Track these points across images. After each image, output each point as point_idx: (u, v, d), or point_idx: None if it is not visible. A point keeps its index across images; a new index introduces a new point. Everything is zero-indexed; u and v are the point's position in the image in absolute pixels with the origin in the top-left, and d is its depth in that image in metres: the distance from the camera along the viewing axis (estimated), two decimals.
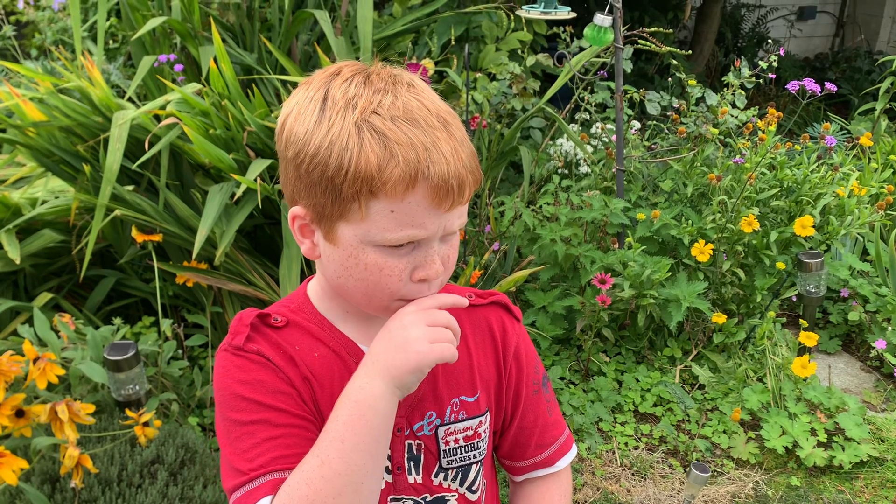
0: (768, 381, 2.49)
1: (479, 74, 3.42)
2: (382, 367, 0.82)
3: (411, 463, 0.95)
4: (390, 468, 0.93)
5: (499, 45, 3.65)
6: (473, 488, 0.99)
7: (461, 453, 0.97)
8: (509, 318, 1.03)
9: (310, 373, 0.89)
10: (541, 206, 2.85)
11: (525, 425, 1.03)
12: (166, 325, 2.19)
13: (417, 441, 0.94)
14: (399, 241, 0.81)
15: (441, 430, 0.96)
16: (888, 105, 3.89)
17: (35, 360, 1.65)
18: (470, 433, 0.98)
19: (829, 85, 2.71)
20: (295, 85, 2.85)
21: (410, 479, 0.95)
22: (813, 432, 2.35)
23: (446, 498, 0.97)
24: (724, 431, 2.43)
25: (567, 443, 1.07)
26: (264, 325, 0.91)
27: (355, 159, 0.78)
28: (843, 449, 2.30)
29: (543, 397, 1.05)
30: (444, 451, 0.96)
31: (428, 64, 3.11)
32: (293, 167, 0.84)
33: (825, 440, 2.34)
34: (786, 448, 2.32)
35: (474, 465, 0.99)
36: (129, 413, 1.79)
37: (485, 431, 0.99)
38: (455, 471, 0.97)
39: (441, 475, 0.96)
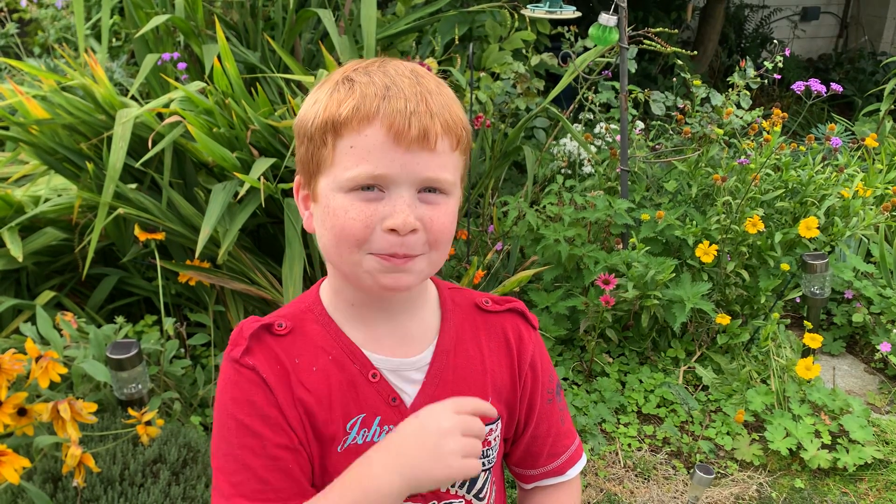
0: (772, 382, 2.49)
1: (482, 74, 3.41)
2: (406, 466, 0.81)
3: None
4: None
5: (502, 45, 3.65)
6: (481, 495, 0.98)
7: None
8: (525, 326, 1.01)
9: (305, 392, 0.88)
10: (544, 206, 2.84)
11: (538, 434, 1.02)
12: (169, 323, 2.19)
13: None
14: (358, 178, 0.81)
15: None
16: (893, 106, 3.88)
17: (37, 359, 1.64)
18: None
19: (834, 86, 2.70)
20: (298, 84, 2.85)
21: None
22: (817, 434, 2.34)
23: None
24: (728, 433, 2.42)
25: (577, 452, 1.06)
26: (268, 332, 0.90)
27: (324, 104, 0.84)
28: (848, 451, 2.29)
29: (557, 406, 1.04)
30: None
31: (431, 63, 3.10)
32: (297, 141, 0.89)
33: (829, 442, 2.33)
34: (790, 450, 2.31)
35: (482, 473, 0.98)
36: (131, 412, 1.79)
37: (495, 439, 0.98)
38: None
39: None
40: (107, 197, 2.14)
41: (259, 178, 2.11)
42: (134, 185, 2.34)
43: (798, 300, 2.84)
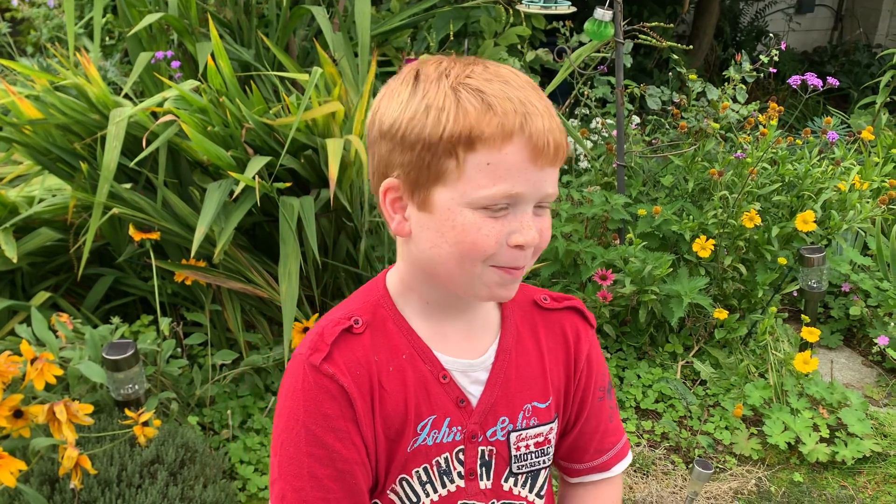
0: (770, 376, 2.49)
1: None
2: None
3: (483, 469, 0.95)
4: (462, 473, 0.93)
5: (497, 41, 3.64)
6: (542, 493, 1.00)
7: (531, 458, 0.97)
8: (583, 325, 1.02)
9: (383, 391, 0.89)
10: None
11: (587, 430, 1.03)
12: (165, 323, 2.18)
13: (490, 447, 0.94)
14: (494, 197, 0.80)
15: (513, 436, 0.95)
16: (889, 98, 3.87)
17: (33, 361, 1.63)
18: (540, 439, 0.97)
19: (830, 79, 2.69)
20: (293, 81, 2.83)
21: (482, 486, 0.95)
22: (815, 428, 2.34)
23: None
24: (727, 427, 2.42)
25: (624, 449, 1.07)
26: (348, 333, 0.89)
27: (453, 115, 0.79)
28: (846, 444, 2.29)
29: (607, 404, 1.05)
30: (515, 456, 0.96)
31: None
32: (387, 140, 0.84)
33: (828, 436, 2.33)
34: (788, 444, 2.31)
35: (543, 471, 0.99)
36: (128, 413, 1.78)
37: (553, 437, 0.99)
38: (525, 476, 0.97)
39: (511, 480, 0.96)
40: (101, 197, 2.13)
41: (254, 177, 2.10)
42: (129, 185, 2.33)
43: (795, 294, 2.84)
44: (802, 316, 2.65)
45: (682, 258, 2.76)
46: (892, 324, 2.78)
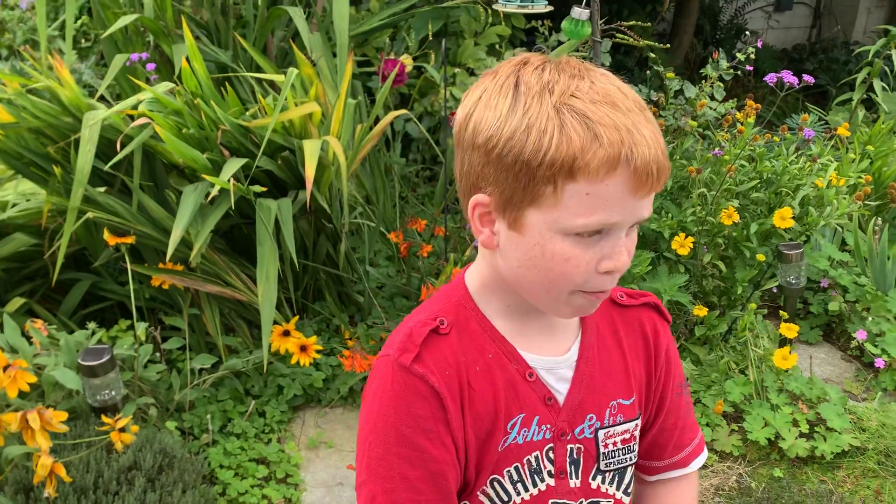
0: (750, 372, 2.50)
1: (457, 70, 3.40)
2: None
3: (572, 467, 0.95)
4: (553, 472, 0.93)
5: (477, 40, 3.63)
6: (629, 491, 1.00)
7: (619, 455, 0.98)
8: (661, 321, 1.02)
9: (472, 391, 0.88)
10: None
11: (666, 426, 1.04)
12: (141, 328, 2.16)
13: (578, 444, 0.94)
14: (590, 226, 0.79)
15: (601, 434, 0.95)
16: (865, 95, 3.91)
17: (5, 368, 1.61)
18: (627, 436, 0.98)
19: (806, 77, 2.71)
20: (272, 83, 2.81)
21: (571, 484, 0.95)
22: (795, 423, 2.36)
23: (601, 502, 0.97)
24: (708, 424, 2.43)
25: (700, 444, 1.07)
26: (435, 334, 0.89)
27: (556, 141, 0.76)
28: (825, 439, 2.31)
29: (684, 399, 1.06)
30: (604, 453, 0.96)
31: (406, 60, 3.08)
32: (481, 154, 0.81)
33: (807, 431, 2.34)
34: (768, 440, 2.32)
35: (630, 468, 1.00)
36: (104, 419, 1.76)
37: (638, 433, 1.00)
38: (612, 473, 0.97)
39: (599, 478, 0.96)
40: (75, 201, 2.11)
41: (230, 180, 2.08)
42: (103, 189, 2.31)
43: (775, 290, 2.86)
44: (781, 312, 2.66)
45: (662, 256, 2.76)
46: (870, 318, 2.80)
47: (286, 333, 2.25)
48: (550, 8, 2.69)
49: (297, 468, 2.22)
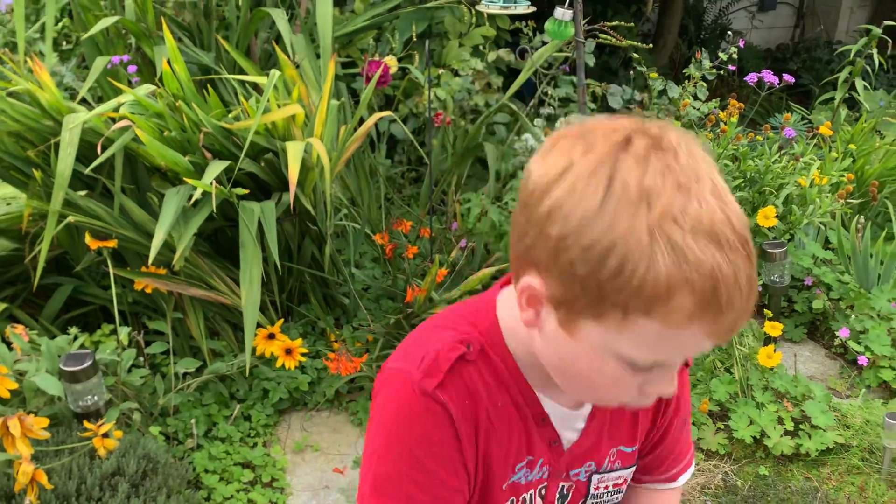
0: (735, 371, 2.51)
1: (442, 71, 3.39)
2: None
3: (560, 502, 0.96)
4: None
5: (462, 41, 3.63)
6: None
7: (607, 497, 0.99)
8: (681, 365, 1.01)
9: (490, 426, 0.86)
10: (507, 203, 2.84)
11: (662, 452, 1.04)
12: (123, 333, 2.14)
13: (570, 483, 0.95)
14: (646, 363, 0.73)
15: (595, 478, 0.96)
16: (847, 94, 3.93)
17: None
18: (619, 481, 0.99)
19: (787, 76, 2.73)
20: (255, 85, 2.79)
21: None
22: (780, 421, 2.37)
23: None
24: (694, 423, 2.43)
25: (690, 460, 1.08)
26: (462, 360, 0.84)
27: (640, 274, 0.66)
28: (810, 437, 2.32)
29: (686, 428, 1.06)
30: (593, 494, 0.98)
31: (390, 61, 3.08)
32: (551, 245, 0.70)
33: (792, 428, 2.35)
34: (754, 438, 2.33)
35: None
36: (87, 425, 1.74)
37: (630, 476, 1.01)
38: None
39: None
40: (56, 205, 2.09)
41: (212, 182, 2.07)
42: (84, 192, 2.28)
43: (759, 288, 2.87)
44: (766, 310, 2.67)
45: None
46: (854, 316, 2.82)
47: (271, 336, 2.24)
48: (533, 9, 2.70)
49: (283, 472, 2.21)
